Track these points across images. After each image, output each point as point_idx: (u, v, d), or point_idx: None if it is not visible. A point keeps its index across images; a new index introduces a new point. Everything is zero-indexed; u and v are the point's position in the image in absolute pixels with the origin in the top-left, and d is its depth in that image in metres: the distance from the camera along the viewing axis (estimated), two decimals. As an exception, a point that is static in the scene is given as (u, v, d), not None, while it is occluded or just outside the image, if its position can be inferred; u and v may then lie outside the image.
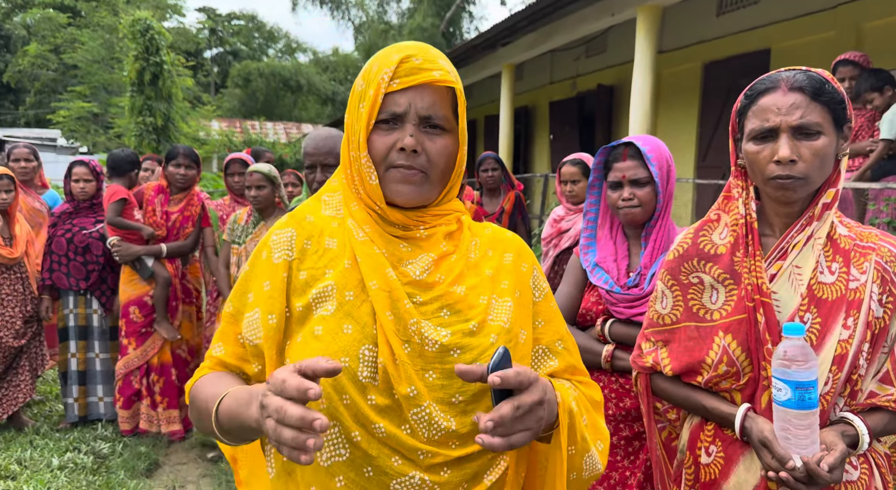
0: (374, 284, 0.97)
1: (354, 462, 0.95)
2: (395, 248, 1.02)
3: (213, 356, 1.09)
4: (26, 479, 3.31)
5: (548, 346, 1.10)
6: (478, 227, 1.14)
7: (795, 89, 1.24)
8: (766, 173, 1.28)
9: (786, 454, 1.18)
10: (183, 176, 3.84)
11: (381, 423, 0.93)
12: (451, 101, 1.02)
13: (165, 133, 14.02)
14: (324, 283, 1.00)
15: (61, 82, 27.81)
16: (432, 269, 1.02)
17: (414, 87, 0.98)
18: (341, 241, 1.03)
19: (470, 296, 1.01)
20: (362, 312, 0.97)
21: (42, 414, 4.31)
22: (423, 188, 1.01)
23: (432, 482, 0.95)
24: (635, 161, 1.81)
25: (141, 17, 13.45)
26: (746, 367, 1.31)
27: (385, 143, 0.99)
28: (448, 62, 1.03)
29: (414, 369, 0.94)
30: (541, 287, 1.12)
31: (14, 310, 3.76)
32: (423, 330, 0.96)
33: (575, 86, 10.18)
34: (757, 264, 1.31)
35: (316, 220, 1.08)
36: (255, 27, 40.42)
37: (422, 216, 1.04)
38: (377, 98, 0.98)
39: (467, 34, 26.30)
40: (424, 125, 0.99)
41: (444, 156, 1.01)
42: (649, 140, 1.85)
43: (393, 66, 0.98)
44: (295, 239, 1.05)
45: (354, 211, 1.04)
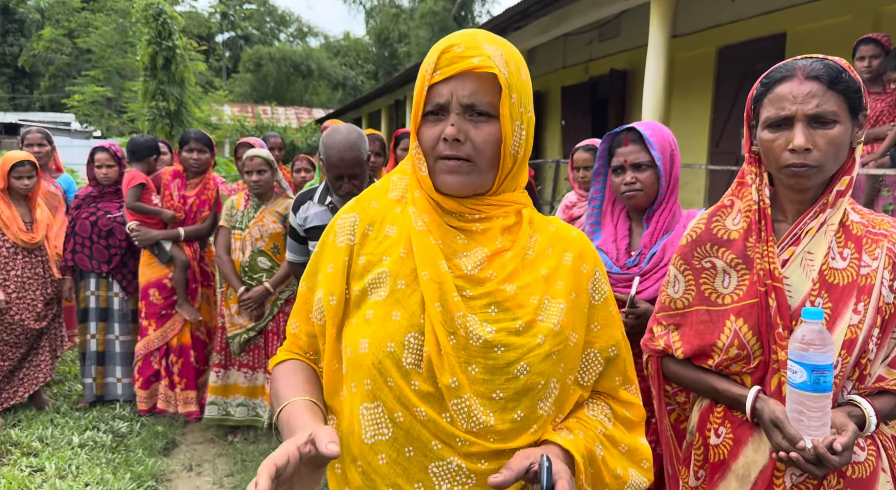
0: (426, 275, 0.99)
1: (396, 441, 0.98)
2: (452, 239, 1.03)
3: (290, 333, 1.16)
4: (48, 456, 3.40)
5: (600, 351, 1.09)
6: (541, 221, 1.11)
7: (812, 78, 1.24)
8: (780, 161, 1.29)
9: (797, 434, 1.21)
10: (196, 160, 3.88)
11: (423, 408, 0.96)
12: (499, 86, 0.98)
13: (178, 118, 14.08)
14: (379, 269, 1.03)
15: (75, 67, 27.97)
16: (484, 265, 1.02)
17: (456, 76, 0.98)
18: (401, 228, 1.06)
19: (520, 295, 1.01)
20: (412, 301, 1.00)
21: (62, 393, 4.41)
22: (470, 177, 1.00)
23: (469, 470, 0.96)
24: (637, 145, 1.82)
25: (154, 2, 13.45)
26: (757, 350, 1.34)
27: (432, 135, 1.01)
28: (499, 46, 1.00)
29: (458, 361, 0.96)
30: (601, 290, 1.10)
31: (35, 293, 3.84)
32: (469, 324, 0.97)
33: (587, 70, 10.11)
34: (769, 250, 1.33)
35: (380, 206, 1.10)
36: (266, 11, 40.31)
37: (477, 204, 1.04)
38: (422, 91, 1.00)
39: (479, 18, 26.11)
40: (469, 113, 0.99)
41: (489, 143, 0.99)
42: (651, 125, 1.86)
43: (435, 57, 0.98)
44: (357, 224, 1.09)
45: (417, 198, 1.06)
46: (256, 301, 3.47)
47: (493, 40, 1.00)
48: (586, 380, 1.09)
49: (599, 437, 1.04)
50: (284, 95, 32.87)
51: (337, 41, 39.81)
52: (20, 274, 3.79)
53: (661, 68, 6.11)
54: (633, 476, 1.06)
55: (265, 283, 3.48)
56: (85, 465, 3.34)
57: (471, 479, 0.97)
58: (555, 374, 1.01)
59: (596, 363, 1.09)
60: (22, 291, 3.79)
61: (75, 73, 26.72)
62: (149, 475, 3.25)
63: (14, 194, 3.81)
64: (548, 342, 0.99)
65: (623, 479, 1.04)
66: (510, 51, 1.02)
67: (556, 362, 1.01)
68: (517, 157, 1.04)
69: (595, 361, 1.09)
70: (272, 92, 32.38)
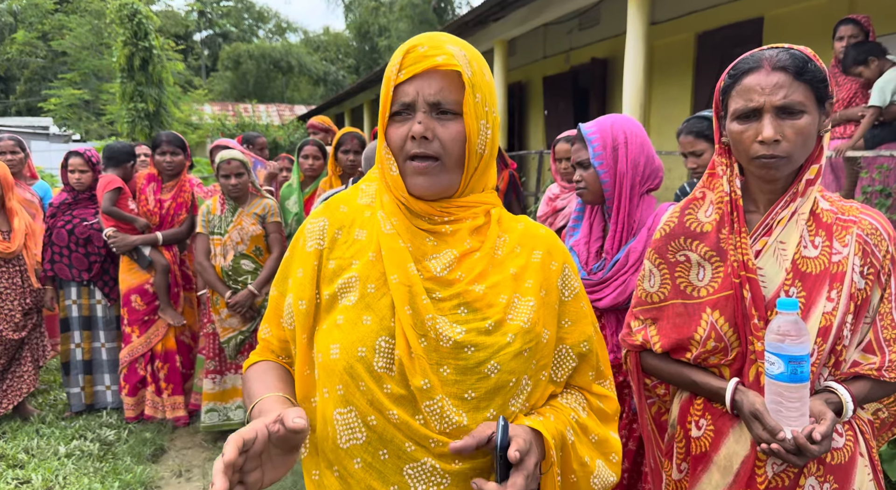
0: (395, 278, 0.99)
1: (371, 445, 0.98)
2: (421, 242, 1.04)
3: (262, 338, 1.16)
4: (34, 468, 3.37)
5: (572, 346, 1.10)
6: (510, 221, 1.12)
7: (778, 69, 1.24)
8: (750, 153, 1.29)
9: (777, 426, 1.21)
10: (170, 163, 3.84)
11: (396, 411, 0.97)
12: (463, 84, 1.00)
13: (158, 119, 13.93)
14: (349, 273, 1.03)
15: (51, 69, 27.55)
16: (454, 266, 1.03)
17: (420, 75, 0.99)
18: (370, 232, 1.06)
19: (489, 294, 1.02)
20: (382, 305, 1.00)
21: (47, 403, 4.36)
22: (439, 178, 1.01)
23: (443, 470, 0.97)
24: (580, 143, 1.82)
25: (127, 2, 13.27)
26: (734, 342, 1.34)
27: (399, 134, 1.01)
28: (462, 47, 1.01)
29: (429, 363, 0.97)
30: (571, 286, 1.11)
31: (13, 303, 3.79)
32: (439, 326, 0.98)
33: (568, 60, 10.09)
34: (742, 241, 1.33)
35: (349, 210, 1.10)
36: (244, 8, 39.88)
37: (447, 207, 1.05)
38: (388, 91, 1.00)
39: (459, 9, 25.98)
40: (436, 111, 1.00)
41: (457, 140, 1.00)
42: (602, 120, 1.84)
43: (400, 57, 1.00)
44: (326, 228, 1.09)
45: (386, 202, 1.06)
46: (244, 305, 3.45)
47: (456, 41, 1.02)
48: (559, 375, 1.09)
49: (571, 422, 1.05)
50: (265, 92, 32.59)
51: (317, 36, 39.49)
52: (-2, 284, 3.73)
53: (641, 56, 6.11)
54: (601, 467, 1.07)
55: (250, 287, 3.45)
56: (72, 475, 3.31)
57: (445, 479, 0.98)
58: (526, 372, 1.02)
59: (569, 359, 1.10)
60: (0, 302, 3.73)
61: (51, 77, 26.32)
62: (138, 483, 3.23)
63: (-12, 204, 3.75)
64: (518, 340, 1.00)
65: (589, 468, 1.05)
66: (473, 52, 1.03)
67: (528, 360, 1.02)
68: (482, 155, 1.04)
69: (567, 357, 1.10)
70: (252, 89, 32.09)
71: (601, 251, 1.89)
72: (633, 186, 1.81)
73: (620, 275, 1.77)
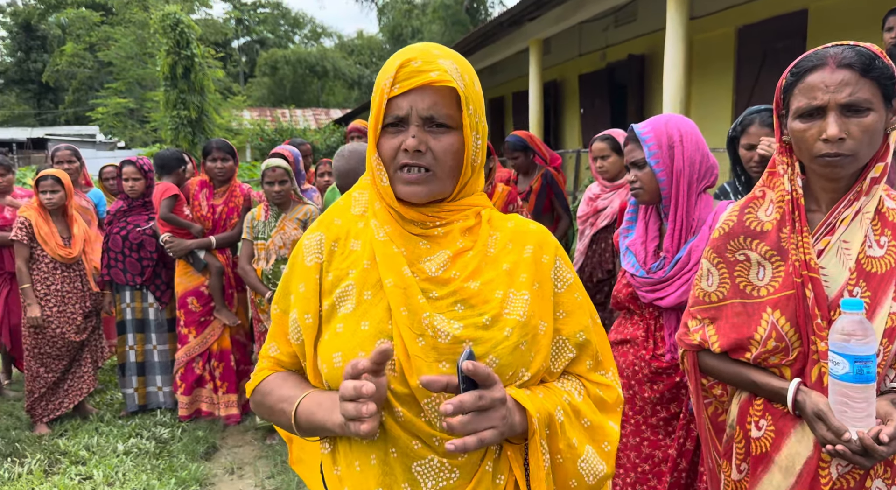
0: (389, 282, 1.02)
1: (385, 442, 1.02)
2: (415, 246, 1.07)
3: (269, 356, 1.18)
4: (95, 464, 3.50)
5: (568, 337, 1.11)
6: (500, 220, 1.14)
7: (844, 66, 1.23)
8: (813, 151, 1.28)
9: (842, 426, 1.20)
10: (221, 169, 3.96)
11: (401, 410, 1.00)
12: (456, 98, 1.03)
13: (200, 125, 14.28)
14: (346, 282, 1.07)
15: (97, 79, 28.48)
16: (448, 266, 1.05)
17: (415, 90, 1.01)
18: (364, 241, 1.09)
19: (484, 290, 1.04)
20: (379, 309, 1.03)
21: (104, 402, 4.53)
22: (430, 186, 1.04)
23: (451, 465, 1.00)
24: (634, 143, 1.82)
25: (170, 12, 13.64)
26: (795, 342, 1.33)
27: (392, 146, 1.04)
28: (453, 60, 1.04)
29: (427, 361, 0.98)
30: (564, 278, 1.13)
31: (74, 306, 3.95)
32: (436, 323, 1.00)
33: (604, 57, 10.00)
34: (804, 240, 1.32)
35: (343, 222, 1.13)
36: (280, 14, 40.57)
37: (437, 211, 1.07)
38: (381, 104, 1.02)
39: (491, 9, 25.94)
40: (429, 125, 1.02)
41: (449, 153, 1.03)
42: (655, 120, 1.84)
43: (393, 71, 1.01)
44: (324, 242, 1.12)
45: (377, 210, 1.09)
46: None
47: (448, 54, 1.04)
48: (557, 366, 1.11)
49: (563, 403, 1.05)
50: (301, 97, 33.10)
51: (351, 40, 39.94)
52: (60, 288, 3.89)
53: (681, 51, 6.03)
54: (590, 453, 1.07)
55: None
56: (131, 471, 3.44)
57: (454, 473, 1.00)
58: (524, 364, 1.03)
59: (566, 350, 1.11)
60: (62, 305, 3.89)
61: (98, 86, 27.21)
62: (193, 480, 3.33)
63: (52, 211, 3.91)
64: (515, 333, 1.02)
65: (577, 451, 1.05)
66: (464, 64, 1.06)
67: (526, 352, 1.04)
68: (475, 165, 1.08)
69: (565, 348, 1.11)
70: (289, 94, 32.62)
71: (658, 250, 1.89)
72: (691, 184, 1.81)
73: (683, 273, 1.76)
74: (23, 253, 3.81)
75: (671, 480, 1.83)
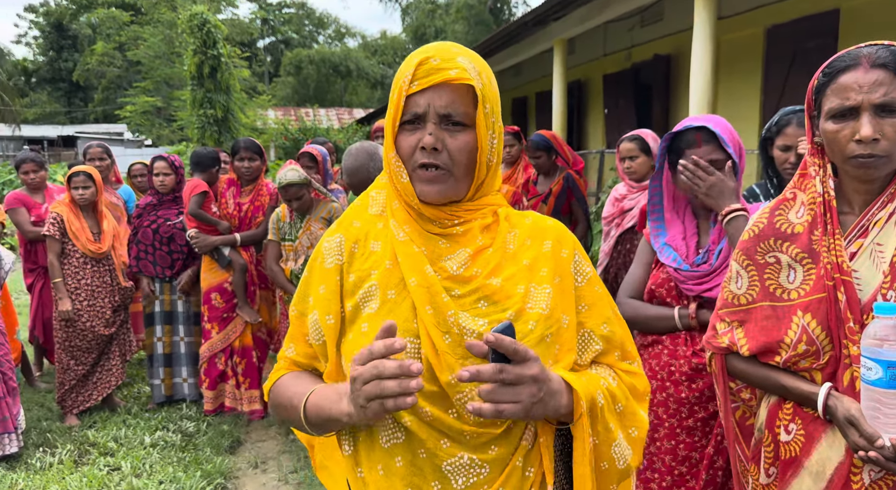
0: (413, 281, 1.03)
1: (411, 444, 1.02)
2: (435, 245, 1.07)
3: (286, 357, 1.20)
4: (123, 456, 3.58)
5: (592, 329, 1.12)
6: (517, 217, 1.15)
7: (878, 66, 1.21)
8: (846, 152, 1.26)
9: (874, 433, 1.18)
10: (248, 168, 4.02)
11: (429, 408, 1.00)
12: (473, 96, 1.03)
13: (225, 124, 14.47)
14: (369, 283, 1.08)
15: (126, 78, 28.99)
16: (469, 264, 1.06)
17: (432, 87, 1.01)
18: (384, 242, 1.10)
19: (507, 286, 1.05)
20: (403, 308, 1.04)
21: (131, 395, 4.62)
22: (447, 186, 1.05)
23: (481, 460, 1.01)
24: (711, 145, 1.80)
25: (198, 12, 13.83)
26: (827, 346, 1.31)
27: (409, 143, 1.04)
28: (471, 59, 1.04)
29: (455, 358, 0.99)
30: (583, 272, 1.13)
31: (104, 300, 4.03)
32: (461, 320, 1.01)
33: (629, 57, 9.92)
34: (836, 243, 1.31)
35: (362, 224, 1.14)
36: (304, 14, 40.92)
37: (455, 210, 1.08)
38: (399, 101, 1.03)
39: (515, 9, 25.87)
40: (446, 123, 1.03)
41: (465, 152, 1.04)
42: (716, 121, 1.83)
43: (412, 68, 1.02)
44: (343, 244, 1.13)
45: (396, 210, 1.10)
46: None
47: (466, 53, 1.05)
48: (584, 359, 1.11)
49: (602, 388, 1.06)
50: (325, 97, 33.34)
51: (374, 40, 40.14)
52: (90, 282, 3.98)
53: (708, 51, 5.96)
54: (621, 438, 1.07)
55: None
56: (158, 463, 3.50)
57: (485, 468, 1.01)
58: (550, 357, 1.04)
59: (592, 342, 1.12)
60: (92, 299, 3.98)
61: (126, 85, 27.70)
62: (217, 473, 3.39)
63: (83, 207, 4.00)
64: (539, 326, 1.03)
65: (612, 435, 1.06)
66: (481, 63, 1.07)
67: (551, 345, 1.04)
68: (490, 165, 1.09)
69: (591, 340, 1.12)
70: (313, 94, 32.88)
71: (698, 246, 1.89)
72: None
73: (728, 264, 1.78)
74: (54, 248, 3.91)
75: (706, 478, 1.82)
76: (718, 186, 1.78)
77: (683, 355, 1.87)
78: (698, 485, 1.83)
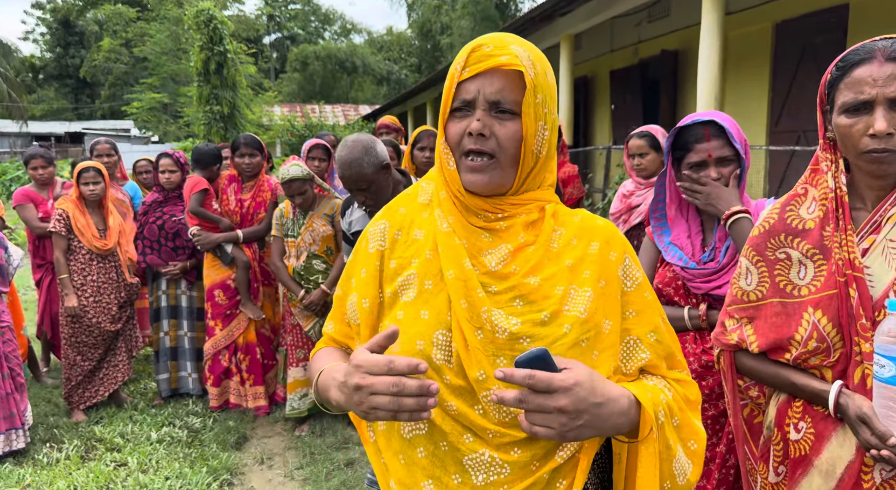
0: (450, 274, 1.02)
1: (433, 436, 1.02)
2: (477, 238, 1.06)
3: (326, 333, 1.23)
4: (130, 451, 3.59)
5: (639, 337, 1.07)
6: (566, 215, 1.12)
7: (893, 60, 1.19)
8: (859, 147, 1.24)
9: (887, 431, 1.17)
10: (248, 164, 4.01)
11: (454, 402, 1.00)
12: (524, 85, 1.01)
13: (232, 120, 14.49)
14: (408, 271, 1.07)
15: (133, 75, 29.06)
16: (508, 260, 1.05)
17: (483, 74, 1.01)
18: (427, 231, 1.09)
19: (544, 286, 1.03)
20: (439, 300, 1.03)
21: (138, 391, 4.63)
22: (493, 175, 1.03)
23: (502, 460, 0.99)
24: (720, 140, 1.77)
25: (204, 9, 13.84)
26: (838, 343, 1.30)
27: (458, 130, 1.04)
28: (527, 48, 1.02)
29: (485, 354, 0.99)
30: (633, 276, 1.09)
31: (110, 296, 4.04)
32: (494, 318, 1.00)
33: (636, 53, 9.87)
34: (848, 239, 1.29)
35: (408, 211, 1.14)
36: (311, 11, 40.90)
37: (500, 203, 1.06)
38: (451, 88, 1.03)
39: (521, 5, 25.77)
40: (495, 110, 1.01)
41: (513, 140, 1.02)
42: (723, 116, 1.81)
43: (465, 55, 1.02)
44: (387, 230, 1.13)
45: (442, 199, 1.09)
46: (317, 304, 3.58)
47: (521, 43, 1.04)
48: (629, 367, 1.07)
49: (662, 403, 1.03)
50: (330, 93, 33.34)
51: (380, 36, 40.09)
52: (96, 279, 3.99)
53: (716, 47, 5.92)
54: (680, 453, 1.04)
55: (322, 286, 3.58)
56: (164, 459, 3.51)
57: (505, 469, 0.99)
58: (586, 362, 1.00)
59: (638, 350, 1.07)
60: (98, 295, 3.99)
61: (133, 81, 27.78)
62: (223, 469, 3.39)
63: (88, 202, 4.01)
64: (574, 330, 1.00)
65: (672, 452, 1.02)
66: (537, 54, 1.05)
67: (587, 350, 1.01)
68: (539, 156, 1.06)
69: (637, 348, 1.07)
70: (318, 90, 32.89)
71: (704, 244, 1.87)
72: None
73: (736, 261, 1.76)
74: (61, 244, 3.91)
75: (719, 477, 1.81)
76: (715, 193, 1.77)
77: (692, 353, 1.85)
78: (710, 484, 1.82)
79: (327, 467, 3.41)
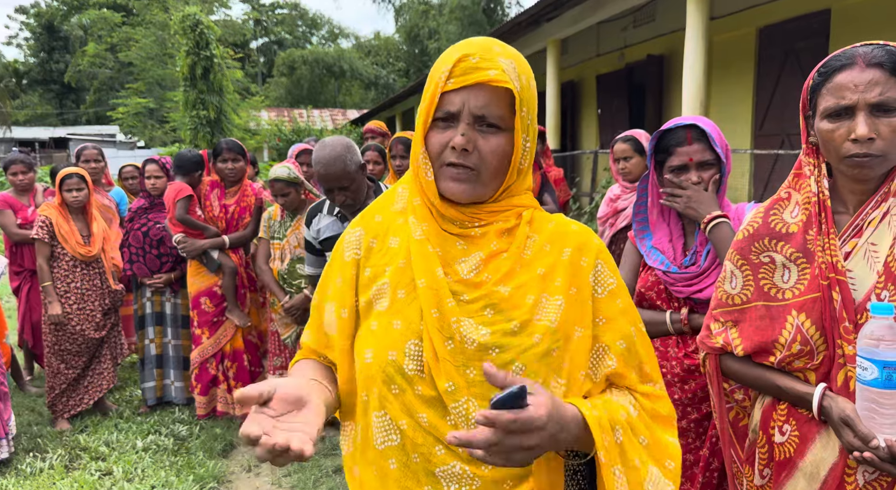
0: (422, 283, 1.01)
1: (404, 447, 1.01)
2: (451, 246, 1.05)
3: (303, 343, 1.20)
4: (115, 460, 3.55)
5: (608, 344, 1.05)
6: (541, 221, 1.10)
7: (874, 65, 1.21)
8: (841, 152, 1.25)
9: (869, 433, 1.18)
10: (232, 169, 3.98)
11: (425, 414, 0.99)
12: (509, 99, 1.00)
13: (218, 125, 14.41)
14: (382, 280, 1.07)
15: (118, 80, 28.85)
16: (480, 268, 1.03)
17: (469, 86, 0.98)
18: (402, 239, 1.08)
19: (515, 295, 1.01)
20: (411, 309, 1.02)
21: (123, 399, 4.58)
22: (474, 186, 1.02)
23: (472, 473, 0.98)
24: (701, 143, 1.78)
25: (190, 13, 13.78)
26: (821, 346, 1.31)
27: (440, 141, 1.02)
28: (513, 59, 1.01)
29: (454, 365, 0.97)
30: (604, 283, 1.07)
31: (94, 303, 3.99)
32: (464, 328, 0.99)
33: (623, 57, 9.94)
34: (831, 242, 1.30)
35: (384, 219, 1.13)
36: (298, 15, 40.85)
37: (477, 213, 1.05)
38: (434, 97, 1.00)
39: (509, 10, 25.87)
40: (479, 124, 1.00)
41: (496, 155, 1.01)
42: (705, 121, 1.83)
43: (450, 65, 0.99)
44: (363, 238, 1.12)
45: (416, 206, 1.07)
46: (300, 308, 3.56)
47: (507, 52, 1.02)
48: (598, 374, 1.05)
49: (621, 421, 0.99)
50: (318, 97, 33.25)
51: (368, 41, 40.08)
52: (79, 286, 3.94)
53: (700, 51, 5.97)
54: (654, 474, 1.01)
55: (305, 291, 3.55)
56: (150, 468, 3.47)
57: (476, 482, 0.98)
58: (557, 372, 1.00)
59: (606, 357, 1.05)
60: (82, 302, 3.94)
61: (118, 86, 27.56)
62: (210, 477, 3.36)
63: (72, 209, 3.96)
64: (545, 340, 0.99)
65: (641, 473, 0.99)
66: (522, 63, 1.03)
67: (557, 359, 1.00)
68: (521, 168, 1.06)
69: (605, 356, 1.05)
70: (306, 94, 32.78)
71: (685, 248, 1.88)
72: None
73: (718, 264, 1.76)
74: (44, 251, 3.87)
75: (703, 481, 1.81)
76: (695, 198, 1.78)
77: (675, 357, 1.86)
78: (694, 487, 1.82)
79: (315, 474, 3.39)
